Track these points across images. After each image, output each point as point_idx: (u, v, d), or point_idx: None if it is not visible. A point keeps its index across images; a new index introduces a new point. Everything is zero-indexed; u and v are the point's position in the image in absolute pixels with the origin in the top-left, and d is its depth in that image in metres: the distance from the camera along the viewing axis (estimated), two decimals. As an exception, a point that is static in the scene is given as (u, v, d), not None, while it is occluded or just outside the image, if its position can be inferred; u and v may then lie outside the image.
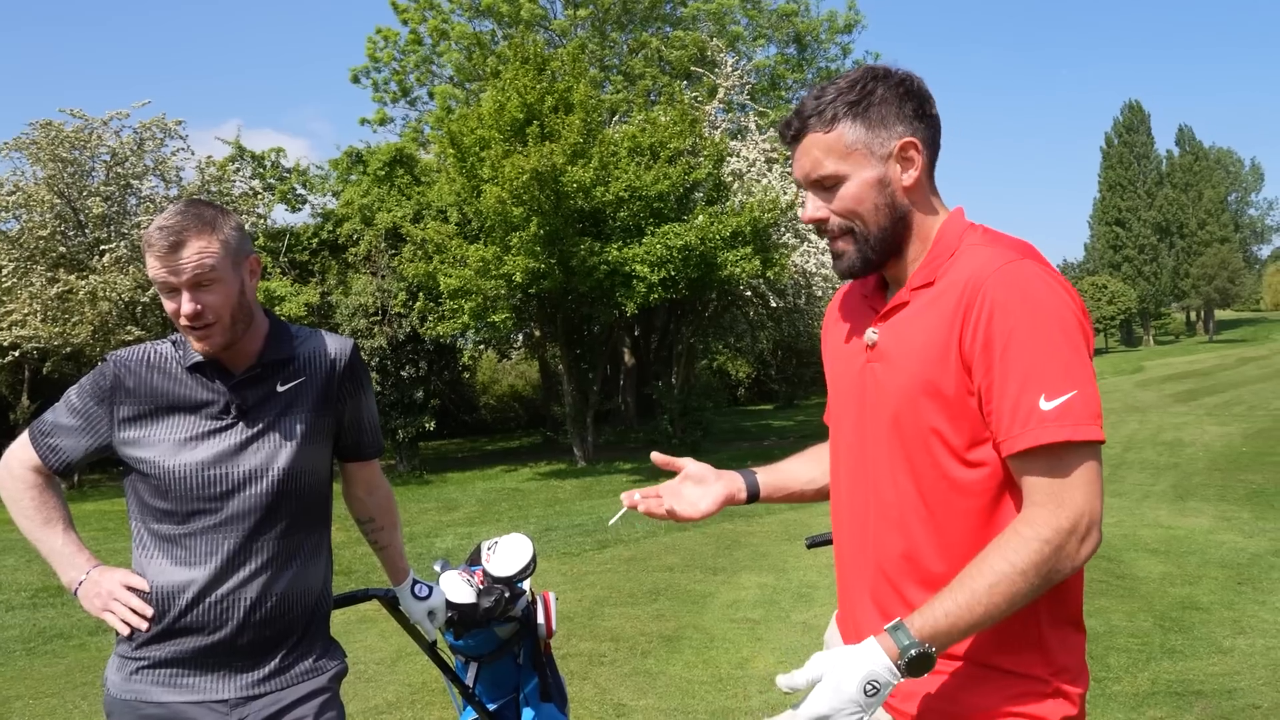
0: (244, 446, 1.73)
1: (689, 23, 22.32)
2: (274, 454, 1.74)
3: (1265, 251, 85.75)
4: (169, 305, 1.67)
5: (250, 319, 1.74)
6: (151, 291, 15.20)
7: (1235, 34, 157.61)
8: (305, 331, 1.86)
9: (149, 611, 1.71)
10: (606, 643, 5.13)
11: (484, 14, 22.25)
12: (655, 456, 1.69)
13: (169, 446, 1.71)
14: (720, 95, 17.55)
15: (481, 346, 21.37)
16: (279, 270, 16.68)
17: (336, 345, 1.86)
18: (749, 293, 16.12)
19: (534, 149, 12.35)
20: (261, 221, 17.47)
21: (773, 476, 1.72)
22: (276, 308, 14.99)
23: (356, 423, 1.92)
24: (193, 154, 16.79)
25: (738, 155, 16.05)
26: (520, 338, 21.87)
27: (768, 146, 16.48)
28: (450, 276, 13.18)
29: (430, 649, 2.26)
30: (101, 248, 15.67)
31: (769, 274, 14.02)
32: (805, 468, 1.74)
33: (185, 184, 16.90)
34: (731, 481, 1.67)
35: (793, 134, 1.42)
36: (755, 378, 30.83)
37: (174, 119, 16.45)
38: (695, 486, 1.65)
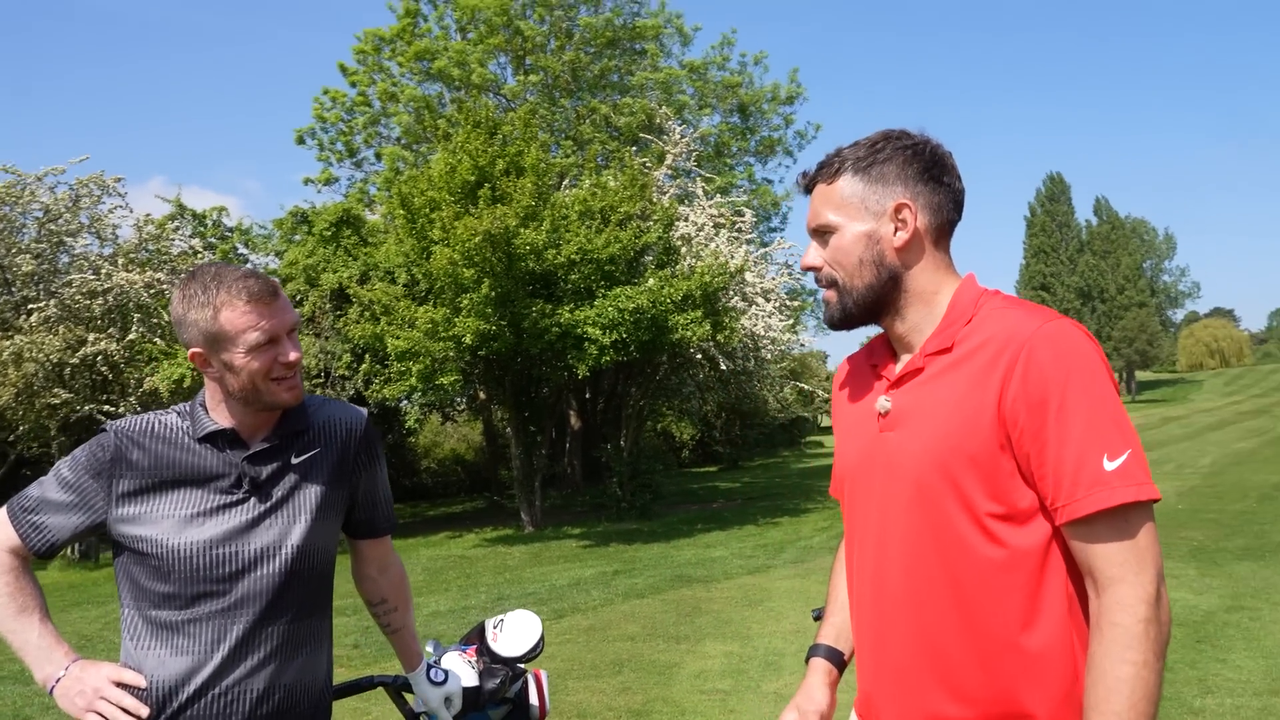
0: (256, 523, 1.61)
1: (637, 91, 22.81)
2: (286, 531, 1.63)
3: (1179, 315, 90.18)
4: (259, 359, 1.56)
5: None
6: (81, 353, 14.63)
7: (1147, 112, 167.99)
8: (318, 400, 1.77)
9: (144, 711, 1.55)
10: (573, 719, 4.94)
11: (434, 78, 22.41)
12: None
13: (173, 524, 1.57)
14: (668, 161, 17.87)
15: (427, 409, 20.99)
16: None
17: (351, 415, 1.77)
18: (699, 355, 16.23)
19: (485, 211, 12.35)
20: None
21: (844, 627, 1.61)
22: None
23: (371, 496, 1.81)
24: (130, 211, 16.39)
25: (686, 220, 16.31)
26: (465, 400, 21.56)
27: (715, 212, 16.78)
28: (398, 338, 12.98)
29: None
30: (29, 307, 15.07)
31: (719, 337, 14.14)
32: None
33: (121, 242, 16.45)
34: (827, 674, 1.58)
35: (806, 185, 1.48)
36: (699, 439, 30.87)
37: (113, 176, 16.09)
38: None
